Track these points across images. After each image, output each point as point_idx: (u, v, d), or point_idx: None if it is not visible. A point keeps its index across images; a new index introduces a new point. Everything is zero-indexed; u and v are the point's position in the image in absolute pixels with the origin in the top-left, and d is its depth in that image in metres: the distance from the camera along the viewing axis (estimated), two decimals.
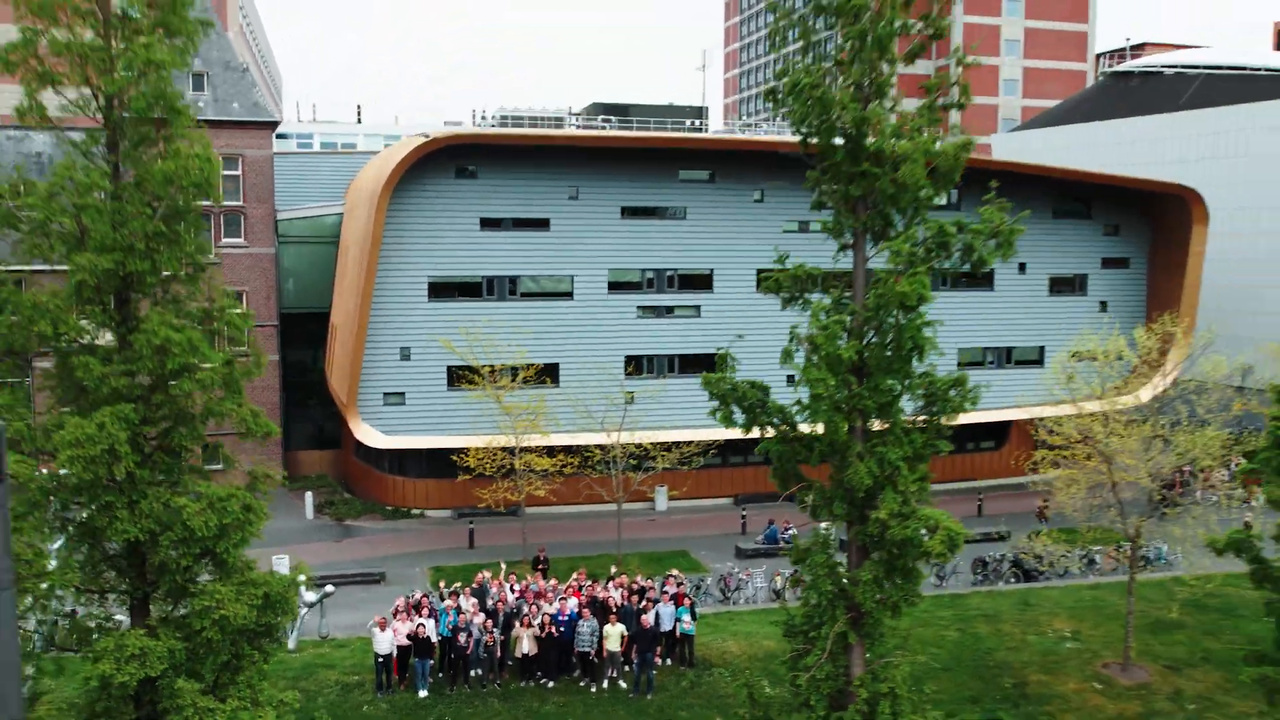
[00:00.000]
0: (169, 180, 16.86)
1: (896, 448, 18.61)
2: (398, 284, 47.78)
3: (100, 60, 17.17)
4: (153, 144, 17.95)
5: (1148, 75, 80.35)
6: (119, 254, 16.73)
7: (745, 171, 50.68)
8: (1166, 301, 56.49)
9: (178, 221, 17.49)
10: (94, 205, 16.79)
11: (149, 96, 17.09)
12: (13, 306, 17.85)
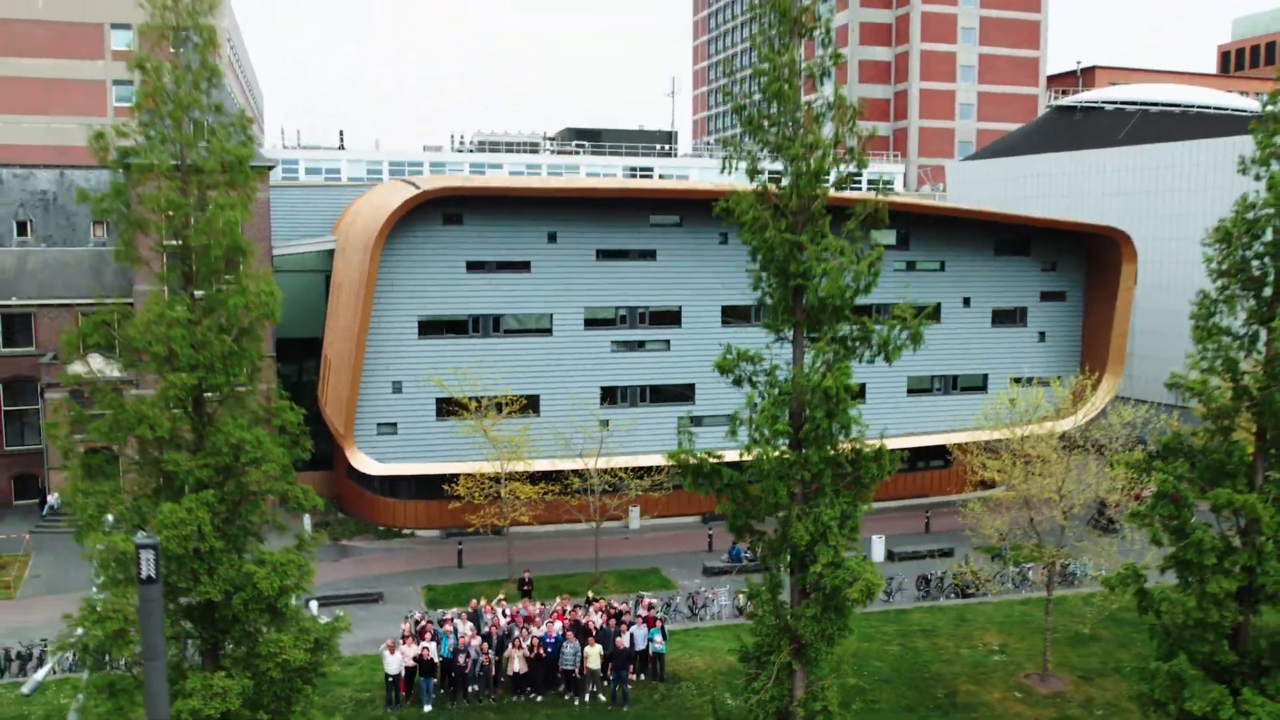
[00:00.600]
0: (240, 310, 20.40)
1: (829, 509, 22.28)
2: (390, 323, 51.20)
3: (183, 214, 20.70)
4: (225, 280, 21.45)
5: (1089, 110, 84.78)
6: (201, 371, 20.23)
7: (710, 215, 54.31)
8: (1100, 331, 60.73)
9: (245, 340, 21.02)
10: (180, 333, 20.27)
11: (224, 244, 20.63)
12: (115, 412, 21.19)
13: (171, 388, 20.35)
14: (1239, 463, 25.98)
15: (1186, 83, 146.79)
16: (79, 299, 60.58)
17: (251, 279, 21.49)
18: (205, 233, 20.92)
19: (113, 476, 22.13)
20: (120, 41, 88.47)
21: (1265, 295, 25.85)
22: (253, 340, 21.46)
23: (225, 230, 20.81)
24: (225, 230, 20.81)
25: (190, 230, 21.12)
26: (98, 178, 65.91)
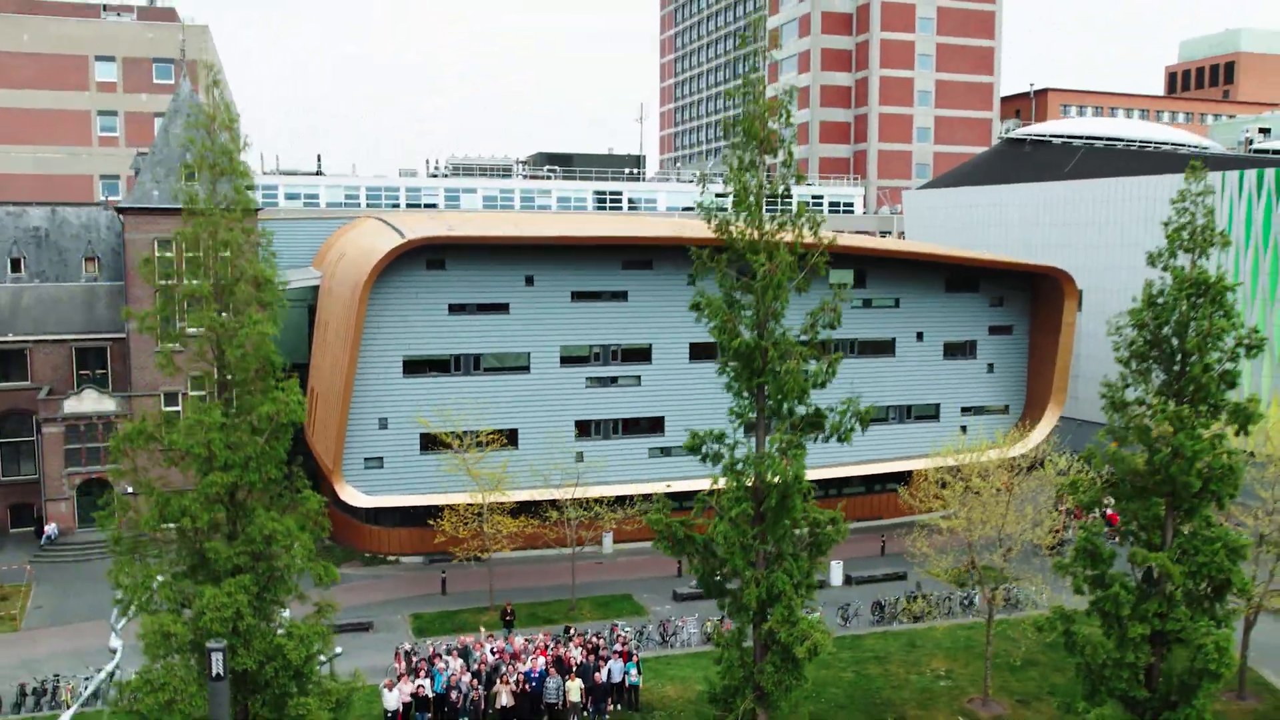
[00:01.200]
0: (270, 417, 22.77)
1: (784, 575, 24.93)
2: (376, 362, 53.45)
3: (222, 331, 23.04)
4: (257, 389, 23.80)
5: (1038, 142, 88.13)
6: (236, 470, 22.58)
7: (679, 258, 56.94)
8: (1044, 363, 63.92)
9: (274, 440, 23.39)
10: (218, 437, 22.60)
11: (258, 358, 22.98)
12: (160, 504, 23.48)
13: (211, 486, 22.66)
14: (1152, 519, 28.89)
15: (1136, 104, 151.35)
16: (72, 334, 62.38)
17: (281, 387, 23.80)
18: (241, 347, 23.21)
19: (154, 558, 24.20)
20: (104, 73, 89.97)
21: (1174, 370, 28.75)
22: (281, 440, 23.79)
23: (258, 346, 23.12)
24: (258, 346, 23.12)
25: (228, 346, 23.38)
26: (89, 214, 67.57)
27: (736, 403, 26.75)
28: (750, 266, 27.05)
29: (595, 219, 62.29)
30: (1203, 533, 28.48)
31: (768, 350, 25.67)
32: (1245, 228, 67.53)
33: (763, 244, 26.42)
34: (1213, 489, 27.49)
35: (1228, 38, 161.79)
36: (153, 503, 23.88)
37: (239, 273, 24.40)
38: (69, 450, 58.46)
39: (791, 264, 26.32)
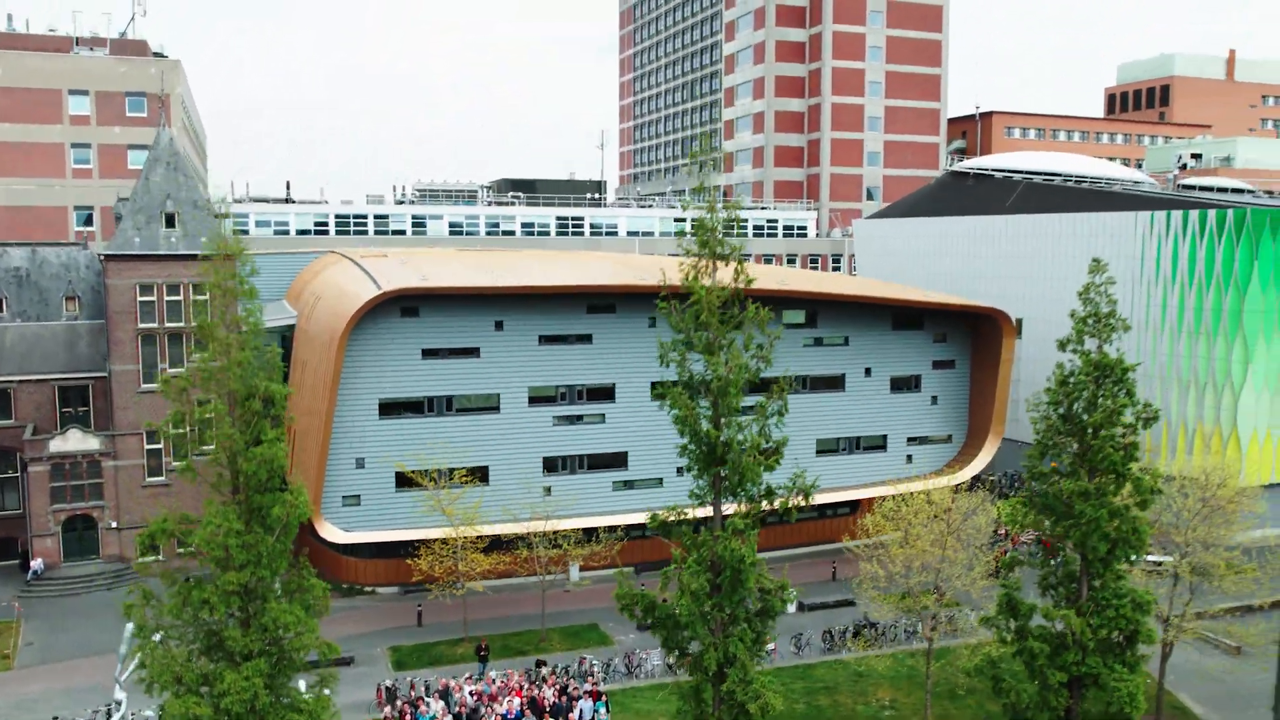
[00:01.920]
0: (281, 518, 24.93)
1: (739, 641, 27.41)
2: (353, 405, 55.41)
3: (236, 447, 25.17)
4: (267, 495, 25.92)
5: (980, 177, 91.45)
6: (250, 568, 24.71)
7: (640, 303, 59.48)
8: (985, 395, 67.02)
9: (285, 537, 25.54)
10: (235, 541, 24.71)
11: (269, 469, 25.09)
12: (182, 595, 25.50)
13: (229, 583, 24.76)
14: (1066, 576, 31.73)
15: (1076, 126, 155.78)
16: (55, 373, 63.66)
17: (289, 491, 25.93)
18: (255, 461, 25.32)
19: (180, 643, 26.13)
20: (78, 107, 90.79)
21: (1084, 443, 31.61)
22: (290, 536, 25.93)
23: (268, 459, 25.23)
24: (268, 459, 25.23)
25: (243, 460, 25.48)
26: (69, 254, 68.80)
27: (696, 485, 29.20)
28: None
29: (561, 264, 64.41)
30: (1112, 585, 31.33)
31: (728, 443, 28.09)
32: (1172, 264, 71.02)
33: (718, 344, 28.74)
34: (1118, 552, 30.31)
35: (1162, 62, 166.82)
36: (175, 593, 25.83)
37: (251, 390, 26.43)
38: (54, 488, 59.82)
39: (744, 365, 28.71)
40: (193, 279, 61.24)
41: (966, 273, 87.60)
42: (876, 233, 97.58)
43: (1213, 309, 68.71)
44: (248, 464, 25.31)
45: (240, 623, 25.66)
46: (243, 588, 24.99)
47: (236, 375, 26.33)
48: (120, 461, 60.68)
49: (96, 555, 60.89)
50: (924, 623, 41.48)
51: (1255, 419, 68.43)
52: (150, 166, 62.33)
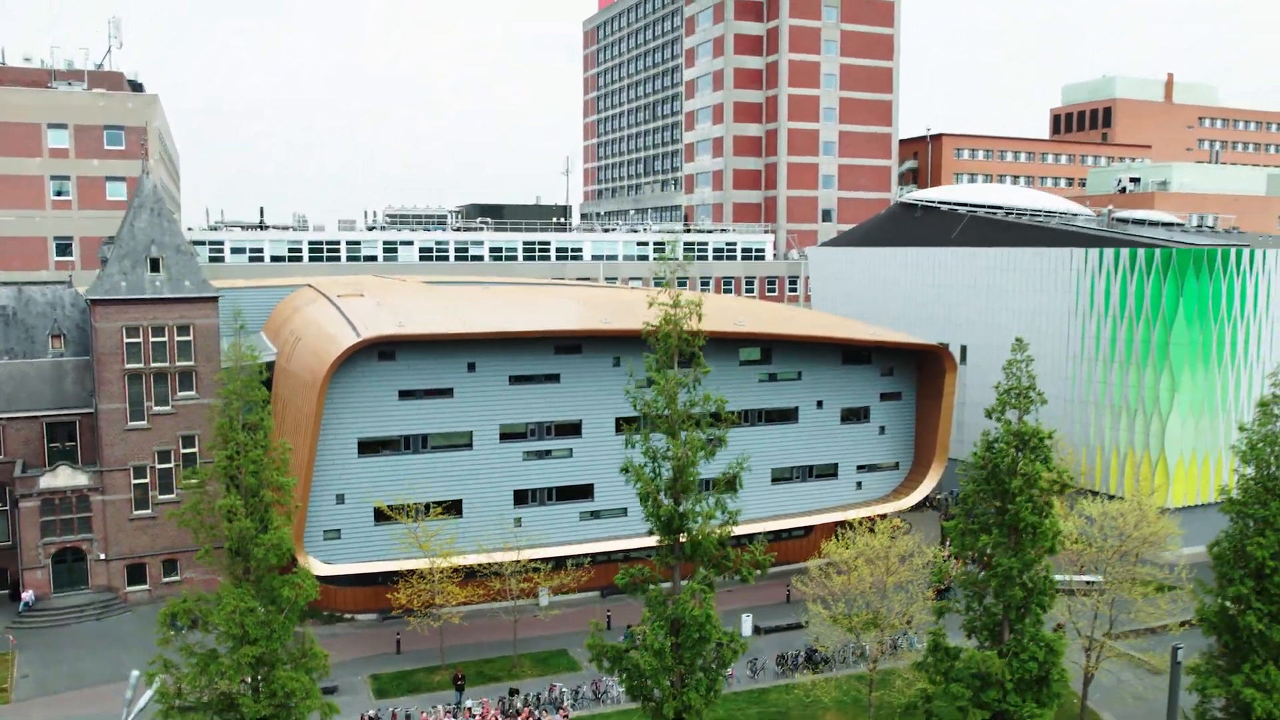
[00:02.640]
0: (291, 598, 27.43)
1: (694, 690, 30.20)
2: (333, 444, 57.68)
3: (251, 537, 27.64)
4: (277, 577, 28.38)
5: (927, 209, 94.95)
6: (263, 642, 27.19)
7: (605, 344, 62.20)
8: (929, 425, 70.30)
9: (293, 617, 28.01)
10: (250, 619, 27.19)
11: (278, 555, 27.57)
12: (201, 665, 27.90)
13: (245, 656, 27.21)
14: (989, 621, 34.81)
15: (1023, 148, 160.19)
16: (43, 410, 65.31)
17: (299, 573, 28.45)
18: (265, 546, 27.79)
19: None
20: (56, 140, 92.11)
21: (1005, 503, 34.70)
22: (297, 613, 28.43)
23: (277, 543, 27.73)
24: (277, 543, 27.73)
25: (255, 548, 27.95)
26: (53, 293, 70.41)
27: (657, 556, 31.99)
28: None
29: (530, 303, 66.92)
30: (1030, 630, 34.46)
31: (685, 514, 30.87)
32: (1105, 299, 74.70)
33: (678, 423, 31.49)
34: (1033, 601, 33.42)
35: (1104, 84, 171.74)
36: (194, 664, 28.18)
37: (263, 481, 28.87)
38: (45, 522, 61.60)
39: (700, 443, 31.48)
40: (177, 321, 63.26)
41: (915, 300, 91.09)
42: (830, 260, 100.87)
43: (1142, 341, 72.42)
44: (258, 549, 27.75)
45: (252, 689, 28.10)
46: (256, 659, 27.39)
47: (250, 471, 28.66)
48: (108, 496, 62.54)
49: (86, 586, 62.70)
50: (871, 647, 44.40)
51: (1181, 444, 72.22)
52: (135, 212, 64.15)
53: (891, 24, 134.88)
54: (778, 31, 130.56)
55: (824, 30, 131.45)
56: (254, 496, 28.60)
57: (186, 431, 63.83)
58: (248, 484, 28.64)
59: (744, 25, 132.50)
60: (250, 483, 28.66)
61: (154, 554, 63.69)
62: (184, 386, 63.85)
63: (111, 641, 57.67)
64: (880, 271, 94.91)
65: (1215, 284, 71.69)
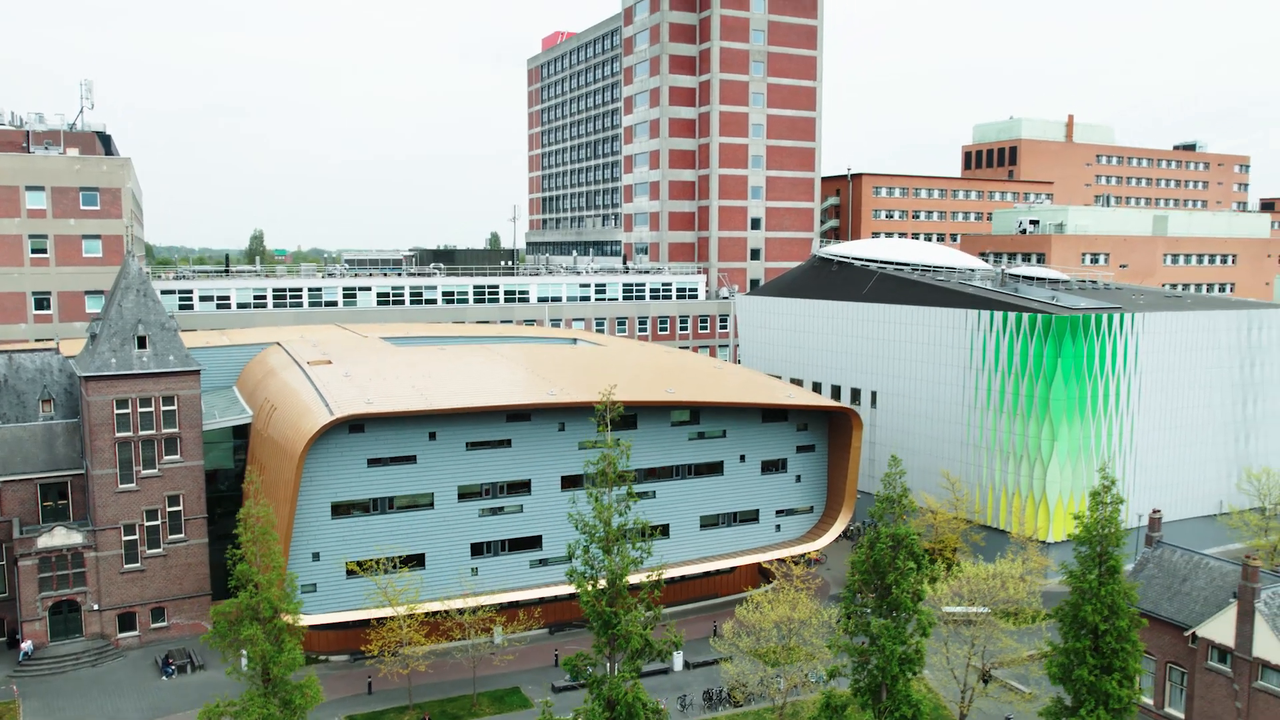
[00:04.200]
0: (303, 704, 32.81)
1: None
2: (309, 508, 62.68)
3: (269, 657, 32.94)
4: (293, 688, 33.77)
5: (842, 264, 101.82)
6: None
7: (551, 412, 67.89)
8: (839, 474, 76.91)
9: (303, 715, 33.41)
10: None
11: (289, 669, 32.98)
12: None
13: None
14: (871, 683, 41.17)
15: (936, 185, 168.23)
16: (37, 472, 69.30)
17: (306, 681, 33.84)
18: (281, 664, 33.13)
19: None
20: (34, 202, 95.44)
21: (883, 592, 41.09)
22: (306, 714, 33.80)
23: (291, 661, 33.07)
24: (291, 661, 33.07)
25: (274, 666, 33.27)
26: (42, 359, 74.29)
27: (595, 644, 37.84)
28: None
29: (485, 376, 72.20)
30: (903, 693, 40.91)
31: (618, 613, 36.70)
32: (995, 356, 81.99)
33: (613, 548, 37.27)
34: (905, 668, 39.83)
35: (1011, 125, 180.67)
36: None
37: (276, 607, 34.19)
38: (42, 578, 65.79)
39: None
40: (162, 392, 67.72)
41: (831, 349, 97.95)
42: (756, 309, 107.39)
43: (1026, 395, 79.79)
44: (276, 668, 33.08)
45: None
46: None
47: (268, 606, 33.95)
48: (101, 552, 66.88)
49: (80, 634, 66.98)
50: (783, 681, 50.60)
51: (1060, 486, 79.71)
52: (123, 294, 68.45)
53: (814, 77, 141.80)
54: (709, 85, 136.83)
55: (752, 84, 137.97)
56: (269, 623, 33.78)
57: (172, 491, 68.38)
58: (264, 614, 33.84)
59: (678, 78, 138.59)
60: (266, 613, 33.89)
61: (143, 603, 68.14)
62: (169, 451, 68.32)
63: (108, 687, 62.11)
64: (801, 321, 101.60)
65: (1089, 345, 79.19)
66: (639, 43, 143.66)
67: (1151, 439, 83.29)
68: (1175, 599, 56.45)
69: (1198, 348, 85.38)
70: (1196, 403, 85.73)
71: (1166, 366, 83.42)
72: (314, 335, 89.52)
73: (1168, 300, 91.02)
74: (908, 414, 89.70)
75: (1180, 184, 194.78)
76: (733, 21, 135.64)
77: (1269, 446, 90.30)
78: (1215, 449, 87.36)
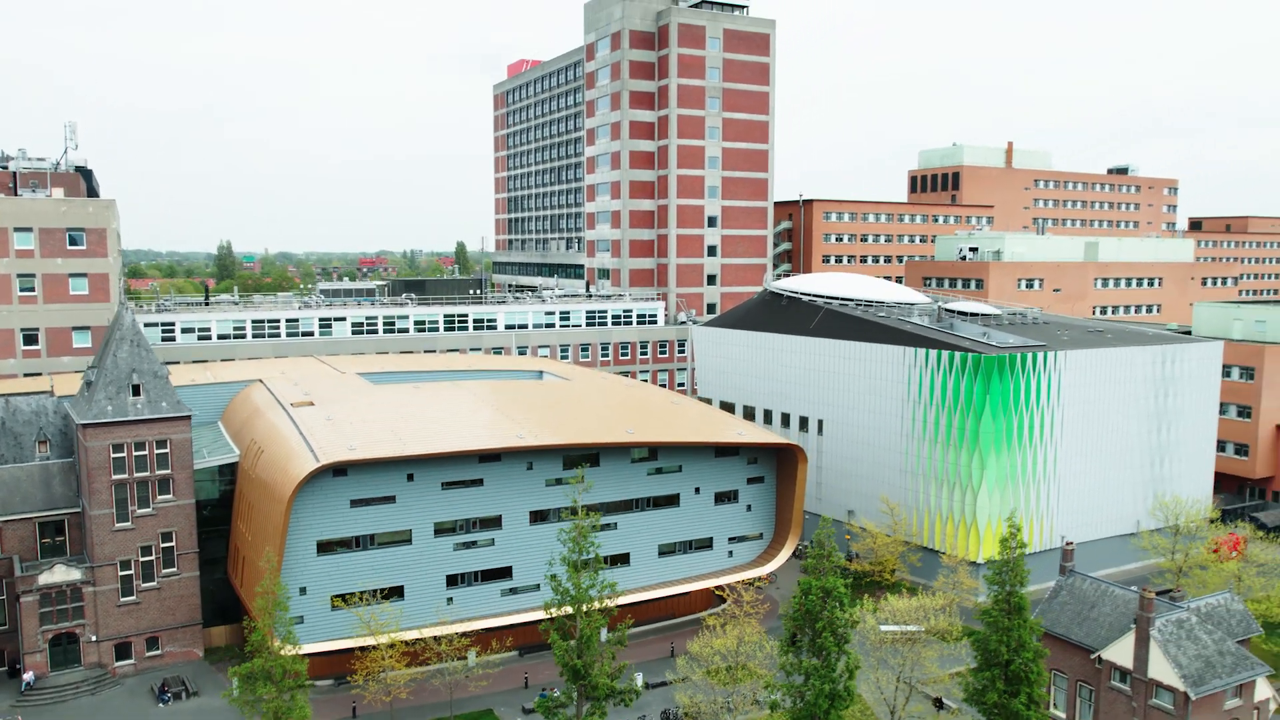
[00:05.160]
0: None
1: None
2: (296, 546, 66.44)
3: (281, 709, 36.96)
4: None
5: (792, 299, 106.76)
6: None
7: (520, 454, 72.08)
8: (786, 503, 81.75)
9: None
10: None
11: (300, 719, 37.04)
12: None
13: None
14: (807, 714, 45.88)
15: (883, 210, 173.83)
16: (35, 511, 72.45)
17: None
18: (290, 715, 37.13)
19: None
20: (22, 242, 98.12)
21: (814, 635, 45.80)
22: None
23: (301, 715, 37.10)
24: (301, 715, 37.10)
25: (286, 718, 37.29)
26: (37, 402, 77.37)
27: (562, 691, 42.19)
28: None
29: (458, 419, 76.16)
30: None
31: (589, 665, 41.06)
32: (930, 391, 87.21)
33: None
34: (837, 704, 44.57)
35: (953, 152, 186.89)
36: None
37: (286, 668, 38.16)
38: (43, 613, 69.00)
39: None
40: (156, 437, 71.13)
41: (780, 379, 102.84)
42: (712, 339, 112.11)
43: (959, 427, 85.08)
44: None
45: None
46: None
47: (279, 668, 37.91)
48: (99, 587, 70.20)
49: (79, 664, 70.25)
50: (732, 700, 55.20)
51: (988, 511, 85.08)
52: (117, 344, 71.74)
53: (767, 111, 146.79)
54: (668, 120, 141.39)
55: (708, 119, 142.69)
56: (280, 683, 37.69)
57: (165, 529, 71.83)
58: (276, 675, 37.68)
59: (638, 113, 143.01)
60: (278, 675, 37.77)
61: (138, 633, 71.55)
62: (163, 491, 71.73)
63: (108, 715, 65.47)
64: (753, 352, 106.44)
65: (1015, 381, 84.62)
66: (600, 78, 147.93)
67: (1073, 466, 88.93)
68: (1084, 624, 61.74)
69: (1115, 381, 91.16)
70: (1114, 431, 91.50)
71: (1087, 399, 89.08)
72: (294, 371, 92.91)
73: (1090, 336, 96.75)
74: (852, 441, 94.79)
75: (1113, 206, 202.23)
76: (689, 60, 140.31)
77: (1180, 469, 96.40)
78: (1132, 473, 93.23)
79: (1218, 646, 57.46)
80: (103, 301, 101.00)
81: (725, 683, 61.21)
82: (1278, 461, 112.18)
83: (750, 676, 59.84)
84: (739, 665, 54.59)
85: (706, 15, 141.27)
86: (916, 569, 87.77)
